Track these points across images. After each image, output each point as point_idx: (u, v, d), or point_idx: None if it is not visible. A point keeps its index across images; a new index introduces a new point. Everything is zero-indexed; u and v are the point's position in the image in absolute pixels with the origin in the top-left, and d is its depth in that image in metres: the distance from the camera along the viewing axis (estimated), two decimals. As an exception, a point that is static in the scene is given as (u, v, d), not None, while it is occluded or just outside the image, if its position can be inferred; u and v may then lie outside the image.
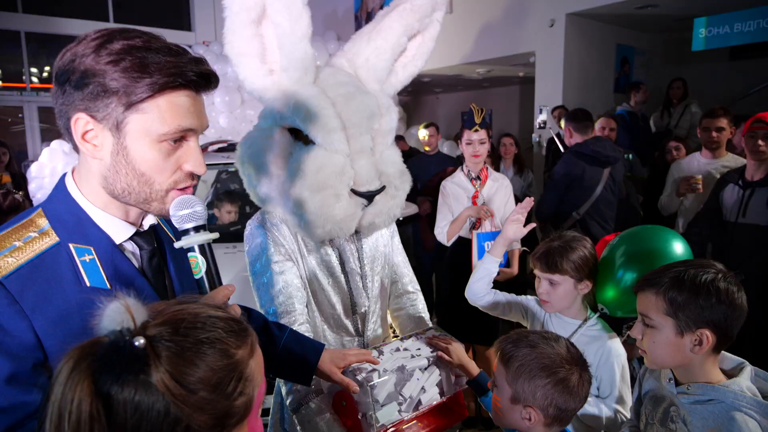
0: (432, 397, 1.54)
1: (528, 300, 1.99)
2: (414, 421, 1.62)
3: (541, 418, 1.26)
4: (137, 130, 0.92)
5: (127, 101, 0.90)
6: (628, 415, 1.67)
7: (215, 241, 1.00)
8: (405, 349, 1.59)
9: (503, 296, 2.00)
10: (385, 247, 1.80)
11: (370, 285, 1.73)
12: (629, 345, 2.28)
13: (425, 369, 1.55)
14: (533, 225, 1.89)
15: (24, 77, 9.92)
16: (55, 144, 6.42)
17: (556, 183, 3.57)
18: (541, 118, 5.54)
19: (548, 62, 6.27)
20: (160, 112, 0.92)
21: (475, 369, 1.60)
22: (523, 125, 9.99)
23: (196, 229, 0.97)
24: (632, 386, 2.20)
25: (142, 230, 1.06)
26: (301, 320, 1.59)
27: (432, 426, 1.64)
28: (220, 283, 0.99)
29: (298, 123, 1.48)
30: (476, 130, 3.07)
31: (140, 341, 0.65)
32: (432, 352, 1.60)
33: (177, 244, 0.98)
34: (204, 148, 4.85)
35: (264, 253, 1.61)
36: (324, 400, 1.52)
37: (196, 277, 0.97)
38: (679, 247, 1.64)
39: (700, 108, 5.37)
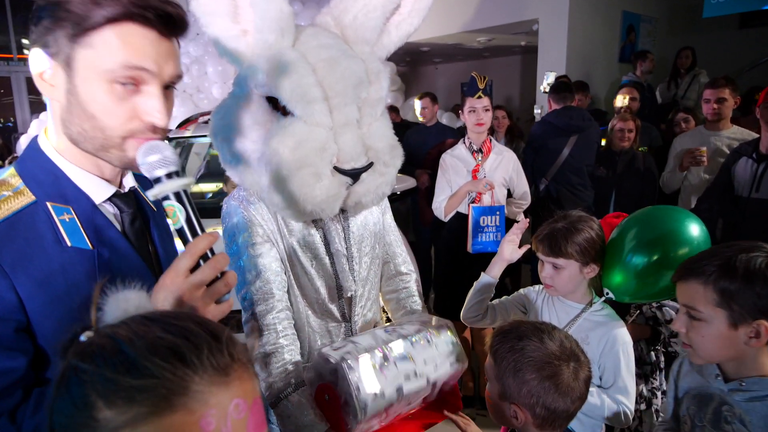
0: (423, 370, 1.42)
1: (524, 292, 1.88)
2: (406, 414, 1.52)
3: (529, 418, 1.15)
4: (86, 66, 0.87)
5: (73, 33, 0.85)
6: (632, 407, 1.57)
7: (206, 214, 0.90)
8: (393, 331, 1.49)
9: (498, 303, 1.89)
10: (375, 225, 1.66)
11: (358, 267, 1.60)
12: (637, 325, 2.18)
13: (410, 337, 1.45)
14: (528, 246, 1.78)
15: (11, 47, 9.66)
16: (45, 116, 6.25)
17: (526, 149, 3.79)
18: (546, 81, 5.37)
19: (552, 30, 6.04)
20: (107, 47, 0.86)
21: None
22: (525, 97, 9.78)
23: (169, 175, 0.88)
24: (639, 366, 2.12)
25: (122, 192, 1.02)
26: (279, 307, 1.47)
27: (425, 419, 1.54)
28: (203, 232, 0.91)
29: (274, 92, 1.33)
30: (479, 97, 2.91)
31: (84, 338, 0.59)
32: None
33: (150, 194, 0.89)
34: (194, 119, 4.69)
35: (240, 233, 1.48)
36: (305, 393, 1.40)
37: (176, 227, 0.89)
38: (695, 229, 1.50)
39: (709, 78, 5.18)
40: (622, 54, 6.48)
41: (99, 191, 0.98)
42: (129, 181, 1.06)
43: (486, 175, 3.02)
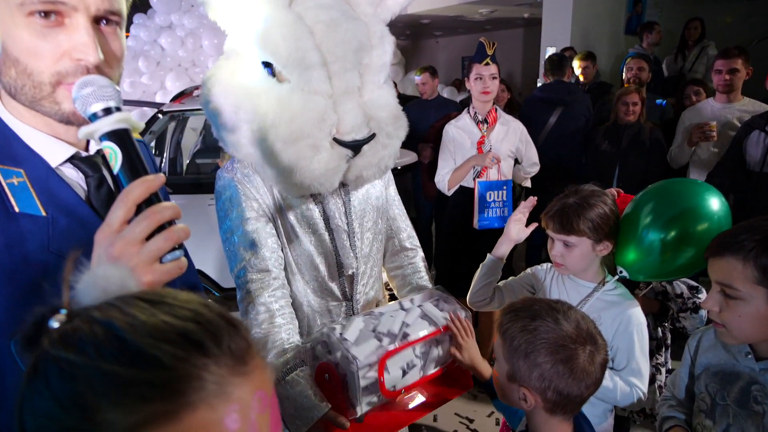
0: (421, 333, 1.37)
1: (532, 271, 1.80)
2: (414, 391, 1.47)
3: (540, 402, 1.08)
4: (1, 3, 0.79)
5: None
6: (645, 390, 1.51)
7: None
8: (397, 307, 1.44)
9: (504, 285, 1.81)
10: (378, 199, 1.58)
11: (359, 243, 1.53)
12: (646, 299, 2.11)
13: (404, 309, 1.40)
14: (535, 225, 1.69)
15: None
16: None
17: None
18: (549, 52, 5.25)
19: (556, 1, 5.86)
20: None
21: (487, 371, 1.42)
22: (527, 72, 9.61)
23: (107, 111, 0.76)
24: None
25: (85, 155, 0.93)
26: (276, 285, 1.40)
27: (432, 398, 1.48)
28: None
29: (268, 56, 1.23)
30: (487, 64, 2.79)
31: (56, 323, 0.49)
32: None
33: (81, 133, 0.76)
34: (189, 93, 4.57)
35: (234, 208, 1.40)
36: (304, 374, 1.34)
37: (114, 172, 0.76)
38: (715, 203, 1.42)
39: (717, 50, 5.05)
40: (629, 26, 6.32)
41: (54, 153, 0.89)
42: (96, 144, 0.96)
43: (492, 148, 2.92)
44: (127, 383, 0.43)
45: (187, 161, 5.15)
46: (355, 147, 1.32)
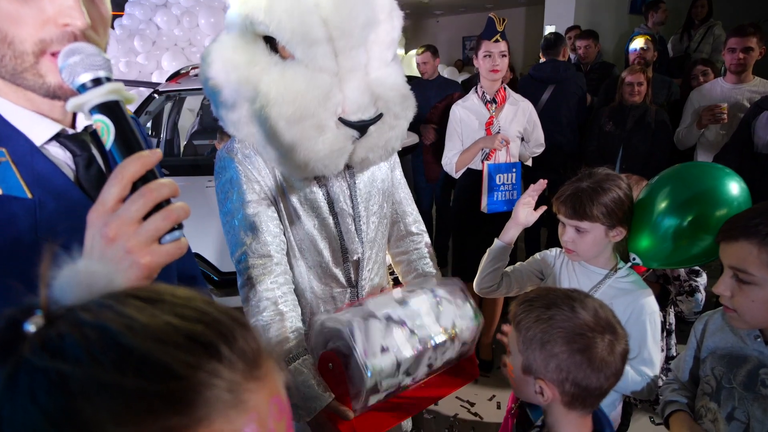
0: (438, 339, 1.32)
1: (540, 256, 1.75)
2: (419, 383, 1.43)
3: (557, 395, 1.04)
4: None
5: None
6: (656, 379, 1.47)
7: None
8: (402, 295, 1.38)
9: (512, 270, 1.75)
10: (384, 182, 1.52)
11: (365, 228, 1.48)
12: (647, 282, 2.07)
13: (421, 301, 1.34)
14: (544, 208, 1.65)
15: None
16: None
17: None
18: (548, 30, 5.17)
19: (560, -22, 5.77)
20: None
21: None
22: (529, 51, 9.49)
23: (96, 82, 0.70)
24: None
25: (72, 132, 0.86)
26: (278, 271, 1.36)
27: (438, 389, 1.44)
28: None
29: (271, 30, 1.16)
30: (496, 41, 2.70)
31: (32, 326, 0.41)
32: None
33: (69, 105, 0.70)
34: (185, 72, 4.47)
35: (234, 190, 1.35)
36: (307, 363, 1.30)
37: (107, 147, 0.70)
38: (735, 188, 1.37)
39: (724, 30, 4.96)
40: (633, 4, 6.22)
41: (38, 130, 0.82)
42: (82, 118, 0.89)
43: (501, 129, 2.85)
44: (133, 395, 0.37)
45: (185, 142, 5.07)
46: (362, 127, 1.26)
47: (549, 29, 5.16)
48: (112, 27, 7.41)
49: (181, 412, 0.38)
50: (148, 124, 4.43)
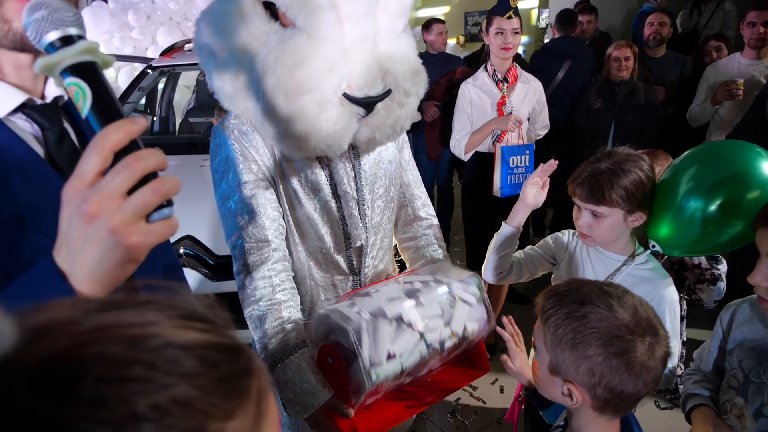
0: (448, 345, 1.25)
1: (552, 240, 1.66)
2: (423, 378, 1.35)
3: (587, 399, 0.96)
4: None
5: None
6: (675, 369, 1.42)
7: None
8: (409, 284, 1.29)
9: (522, 256, 1.67)
10: (391, 163, 1.43)
11: (369, 212, 1.39)
12: None
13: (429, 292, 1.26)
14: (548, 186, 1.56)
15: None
16: None
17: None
18: (542, 17, 5.04)
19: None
20: None
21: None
22: (526, 30, 9.29)
23: (66, 40, 0.60)
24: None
25: (41, 103, 0.78)
26: (276, 257, 1.28)
27: (447, 383, 1.37)
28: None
29: None
30: (509, 17, 2.59)
31: None
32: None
33: (37, 66, 0.60)
34: (179, 47, 4.33)
35: (230, 170, 1.27)
36: (306, 356, 1.22)
37: (83, 115, 0.61)
38: (768, 169, 1.28)
39: (734, 5, 4.82)
40: (641, -21, 6.04)
41: (1, 100, 0.74)
42: (52, 89, 0.81)
43: (513, 109, 2.75)
44: None
45: (180, 120, 4.95)
46: (368, 105, 1.16)
47: (547, 12, 5.08)
48: (105, 0, 7.23)
49: None
50: (142, 101, 4.30)
